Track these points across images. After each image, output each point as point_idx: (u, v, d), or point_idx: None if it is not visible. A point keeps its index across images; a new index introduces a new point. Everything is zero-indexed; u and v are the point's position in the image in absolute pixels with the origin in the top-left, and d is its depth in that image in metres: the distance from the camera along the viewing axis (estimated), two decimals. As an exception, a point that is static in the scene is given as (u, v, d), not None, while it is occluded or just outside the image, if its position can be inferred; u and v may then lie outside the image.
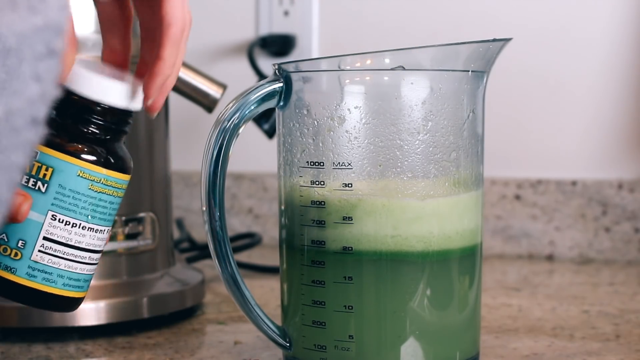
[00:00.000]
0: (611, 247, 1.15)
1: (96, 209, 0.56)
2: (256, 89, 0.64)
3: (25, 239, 0.54)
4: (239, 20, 1.29)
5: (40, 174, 0.53)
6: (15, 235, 0.54)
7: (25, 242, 0.54)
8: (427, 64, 0.65)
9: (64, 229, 0.54)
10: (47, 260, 0.54)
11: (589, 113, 1.18)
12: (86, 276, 0.57)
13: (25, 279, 0.54)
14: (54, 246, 0.55)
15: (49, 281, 0.55)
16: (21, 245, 0.54)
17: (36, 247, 0.54)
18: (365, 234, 0.62)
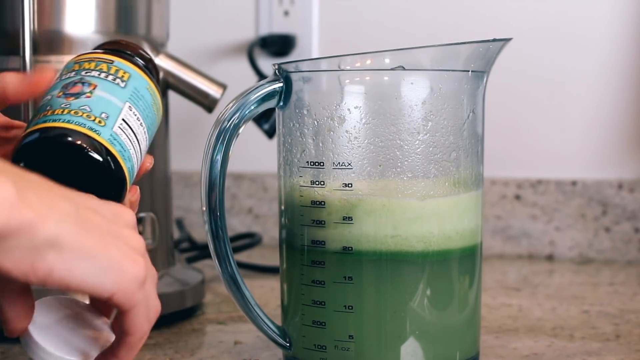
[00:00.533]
0: (611, 247, 1.15)
1: (151, 126, 0.59)
2: (256, 89, 0.64)
3: (108, 112, 0.56)
4: (239, 20, 1.29)
5: (119, 74, 0.58)
6: (98, 108, 0.56)
7: (107, 115, 0.56)
8: (427, 64, 0.65)
9: (136, 122, 0.57)
10: (124, 137, 0.56)
11: (589, 113, 1.18)
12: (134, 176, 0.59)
13: (108, 141, 0.55)
14: (128, 130, 0.57)
15: (122, 156, 0.56)
16: (104, 116, 0.56)
17: (117, 122, 0.56)
18: (365, 234, 0.62)
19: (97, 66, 0.58)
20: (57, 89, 0.57)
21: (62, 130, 0.54)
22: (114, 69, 0.58)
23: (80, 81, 0.57)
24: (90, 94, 0.56)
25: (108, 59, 0.59)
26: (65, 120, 0.54)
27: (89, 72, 0.57)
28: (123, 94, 0.58)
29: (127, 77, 0.58)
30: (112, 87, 0.57)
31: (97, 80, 0.57)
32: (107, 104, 0.56)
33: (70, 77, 0.57)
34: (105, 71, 0.58)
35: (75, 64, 0.59)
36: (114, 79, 0.58)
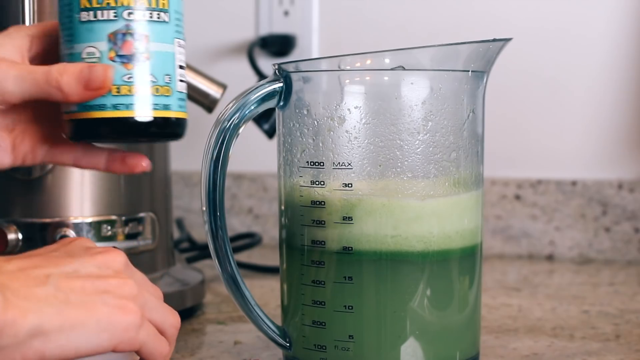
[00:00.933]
0: (611, 247, 1.15)
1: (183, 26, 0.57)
2: (256, 89, 0.64)
3: (169, 72, 0.54)
4: (239, 20, 1.29)
5: (160, 4, 0.54)
6: (160, 72, 0.54)
7: (170, 76, 0.54)
8: (427, 64, 0.65)
9: (182, 53, 0.55)
10: (183, 87, 0.55)
11: (589, 113, 1.18)
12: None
13: (177, 111, 0.55)
14: (182, 72, 0.55)
15: (183, 107, 0.56)
16: (168, 80, 0.54)
17: (176, 77, 0.55)
18: (365, 234, 0.62)
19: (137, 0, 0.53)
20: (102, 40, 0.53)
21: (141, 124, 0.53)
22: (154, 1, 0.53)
23: (127, 31, 0.53)
24: (147, 53, 0.53)
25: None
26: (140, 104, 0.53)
27: (131, 13, 0.53)
28: (170, 31, 0.54)
29: (166, 3, 0.54)
30: (160, 29, 0.53)
31: (146, 27, 0.53)
32: (164, 59, 0.54)
33: (113, 22, 0.53)
34: (148, 7, 0.53)
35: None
36: (158, 15, 0.53)
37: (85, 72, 0.53)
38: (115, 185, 0.79)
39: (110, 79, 0.53)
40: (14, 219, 0.77)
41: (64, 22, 0.55)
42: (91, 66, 0.53)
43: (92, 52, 0.53)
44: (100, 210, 0.78)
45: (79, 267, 0.52)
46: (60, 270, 0.51)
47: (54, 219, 0.77)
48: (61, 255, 0.52)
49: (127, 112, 0.54)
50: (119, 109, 0.54)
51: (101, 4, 0.53)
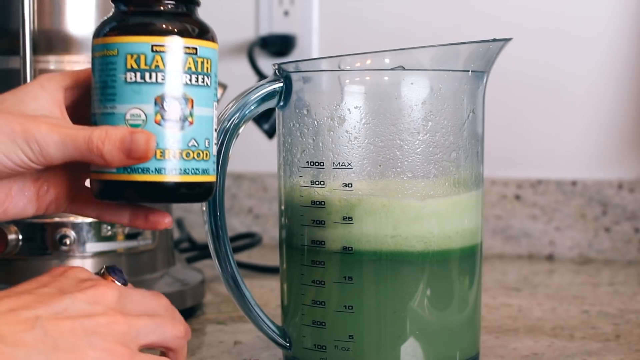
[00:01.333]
0: (611, 247, 1.15)
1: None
2: (256, 89, 0.64)
3: (208, 136, 0.54)
4: (239, 20, 1.29)
5: (205, 69, 0.53)
6: (202, 136, 0.54)
7: (209, 140, 0.54)
8: (427, 64, 0.65)
9: (217, 113, 0.55)
10: (216, 149, 0.55)
11: (589, 113, 1.18)
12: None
13: (212, 175, 0.55)
14: (216, 133, 0.55)
15: (215, 170, 0.56)
16: (207, 144, 0.54)
17: (213, 140, 0.55)
18: (365, 234, 0.62)
19: (184, 65, 0.53)
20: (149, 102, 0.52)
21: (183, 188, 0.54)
22: (200, 62, 0.53)
23: (174, 95, 0.52)
24: (192, 117, 0.53)
25: (191, 48, 0.53)
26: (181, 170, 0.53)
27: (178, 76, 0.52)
28: (210, 94, 0.54)
29: (209, 66, 0.54)
30: (204, 93, 0.53)
31: (192, 91, 0.53)
32: (205, 123, 0.53)
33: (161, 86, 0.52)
34: (194, 72, 0.53)
35: (155, 55, 0.52)
36: (203, 79, 0.53)
37: (127, 140, 0.52)
38: (115, 185, 0.79)
39: (152, 149, 0.52)
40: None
41: (104, 80, 0.54)
42: (133, 133, 0.52)
43: (137, 114, 0.53)
44: (100, 210, 0.78)
45: (68, 305, 0.51)
46: (49, 310, 0.50)
47: (54, 219, 0.77)
48: (52, 291, 0.51)
49: (168, 176, 0.53)
50: (161, 173, 0.53)
51: (149, 65, 0.52)
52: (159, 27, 0.53)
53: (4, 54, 0.76)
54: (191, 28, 0.54)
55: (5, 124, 0.52)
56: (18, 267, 0.77)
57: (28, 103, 0.55)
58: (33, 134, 0.52)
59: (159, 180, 0.53)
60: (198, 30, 0.54)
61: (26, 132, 0.52)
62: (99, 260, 0.78)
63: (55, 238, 0.77)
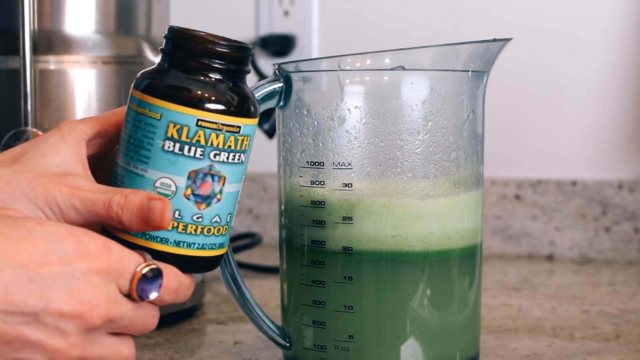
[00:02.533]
0: (611, 247, 1.15)
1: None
2: (256, 89, 0.64)
3: (230, 211, 0.54)
4: (239, 20, 1.29)
5: (243, 146, 0.53)
6: (226, 212, 0.53)
7: (231, 215, 0.54)
8: (427, 64, 0.65)
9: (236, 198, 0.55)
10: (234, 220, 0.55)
11: (589, 113, 1.18)
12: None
13: (225, 247, 0.55)
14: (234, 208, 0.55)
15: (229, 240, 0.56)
16: (229, 219, 0.54)
17: (234, 214, 0.55)
18: (365, 234, 0.62)
19: (225, 143, 0.52)
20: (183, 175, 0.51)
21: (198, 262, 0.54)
22: (240, 140, 0.52)
23: (209, 172, 0.52)
24: (220, 195, 0.52)
25: (235, 126, 0.52)
26: (200, 245, 0.53)
27: (217, 154, 0.51)
28: (241, 171, 0.53)
29: (248, 143, 0.53)
30: (236, 171, 0.53)
31: (226, 169, 0.52)
32: (231, 199, 0.53)
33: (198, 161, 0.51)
34: (232, 150, 0.52)
35: (198, 129, 0.51)
36: (239, 157, 0.53)
37: (145, 207, 0.52)
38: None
39: (168, 219, 0.52)
40: (14, 219, 0.77)
41: (140, 139, 0.53)
42: (151, 200, 0.51)
43: (168, 185, 0.52)
44: (100, 210, 0.78)
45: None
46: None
47: (54, 219, 0.77)
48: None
49: (186, 250, 0.53)
50: (180, 247, 0.53)
51: (191, 139, 0.51)
52: (208, 100, 0.52)
53: (4, 54, 0.76)
54: (238, 104, 0.53)
55: (27, 186, 0.52)
56: (18, 267, 0.77)
57: (50, 157, 0.54)
58: (55, 197, 0.52)
59: (175, 253, 0.53)
60: (245, 106, 0.53)
61: (47, 194, 0.52)
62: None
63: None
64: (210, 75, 0.53)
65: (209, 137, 0.51)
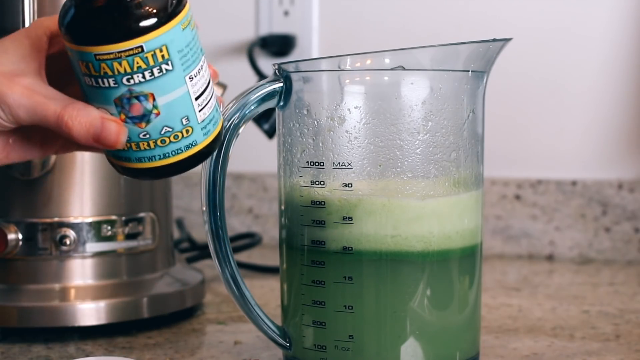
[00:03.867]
0: (611, 247, 1.15)
1: (198, 42, 0.55)
2: (256, 89, 0.64)
3: (186, 113, 0.53)
4: (239, 20, 1.29)
5: (159, 59, 0.51)
6: (176, 119, 0.53)
7: (187, 116, 0.53)
8: (427, 64, 0.65)
9: (200, 77, 0.53)
10: (207, 110, 0.54)
11: (589, 113, 1.18)
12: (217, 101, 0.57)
13: (204, 140, 0.55)
14: (203, 96, 0.54)
15: (215, 123, 0.55)
16: (186, 121, 0.53)
17: (196, 111, 0.53)
18: (365, 234, 0.62)
19: (132, 66, 0.51)
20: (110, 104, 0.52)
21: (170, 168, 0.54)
22: (150, 56, 0.51)
23: (131, 96, 0.51)
24: (156, 109, 0.52)
25: (133, 49, 0.50)
26: (160, 156, 0.53)
27: (130, 78, 0.51)
28: (177, 75, 0.52)
29: (166, 53, 0.51)
30: (165, 81, 0.52)
31: (149, 86, 0.51)
32: (177, 105, 0.52)
33: (115, 89, 0.51)
34: (145, 68, 0.51)
35: (100, 63, 0.51)
36: (160, 69, 0.51)
37: (96, 126, 0.52)
38: (115, 185, 0.79)
39: (122, 141, 0.53)
40: (14, 219, 0.77)
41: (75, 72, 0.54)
42: (104, 121, 0.52)
43: (106, 110, 0.53)
44: (100, 210, 0.78)
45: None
46: None
47: (54, 219, 0.77)
48: None
49: (149, 163, 0.54)
50: (142, 162, 0.54)
51: (98, 72, 0.51)
52: (95, 34, 0.51)
53: (4, 54, 0.76)
54: (130, 27, 0.51)
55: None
56: (18, 267, 0.77)
57: (10, 53, 0.54)
58: (6, 96, 0.53)
59: (142, 167, 0.54)
60: (139, 26, 0.51)
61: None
62: (99, 260, 0.78)
63: (55, 238, 0.77)
64: (94, 5, 0.51)
65: (112, 67, 0.51)
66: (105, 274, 0.79)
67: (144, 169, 0.54)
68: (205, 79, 0.55)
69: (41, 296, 0.76)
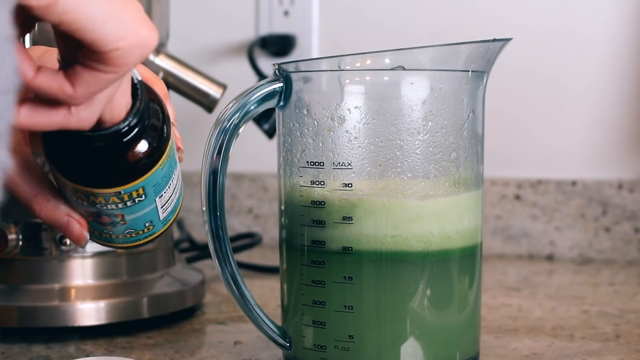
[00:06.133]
0: (611, 247, 1.15)
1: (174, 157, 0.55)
2: (256, 89, 0.64)
3: (150, 219, 0.55)
4: (239, 20, 1.29)
5: (134, 196, 0.52)
6: (139, 225, 0.55)
7: (152, 221, 0.55)
8: (427, 64, 0.65)
9: (168, 190, 0.55)
10: (169, 207, 0.56)
11: (589, 113, 1.18)
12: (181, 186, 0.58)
13: (163, 228, 0.57)
14: (168, 201, 0.55)
15: (175, 209, 0.57)
16: (149, 224, 0.55)
17: (160, 215, 0.55)
18: (365, 234, 0.62)
19: (107, 201, 0.52)
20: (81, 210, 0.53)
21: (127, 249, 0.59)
22: (127, 196, 0.52)
23: (102, 213, 0.53)
24: (123, 221, 0.54)
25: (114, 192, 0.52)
26: (120, 243, 0.56)
27: (102, 206, 0.52)
28: (149, 201, 0.54)
29: (142, 191, 0.53)
30: (136, 207, 0.53)
31: (119, 211, 0.53)
32: (144, 217, 0.54)
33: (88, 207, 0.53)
34: (118, 202, 0.53)
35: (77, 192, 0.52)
36: (132, 202, 0.53)
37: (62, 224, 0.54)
38: (115, 185, 0.79)
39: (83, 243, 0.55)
40: (14, 219, 0.77)
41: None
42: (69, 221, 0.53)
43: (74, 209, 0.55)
44: (100, 210, 0.78)
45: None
46: None
47: (54, 219, 0.77)
48: None
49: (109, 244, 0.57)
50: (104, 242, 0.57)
51: (74, 194, 0.52)
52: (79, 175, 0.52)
53: (4, 54, 0.76)
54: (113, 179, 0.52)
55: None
56: (18, 267, 0.77)
57: None
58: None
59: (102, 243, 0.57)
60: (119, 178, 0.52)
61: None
62: (99, 260, 0.78)
63: (55, 238, 0.77)
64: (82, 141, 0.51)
65: (88, 197, 0.52)
66: (105, 274, 0.79)
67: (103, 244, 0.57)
68: (174, 183, 0.55)
69: (41, 296, 0.76)
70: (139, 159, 0.51)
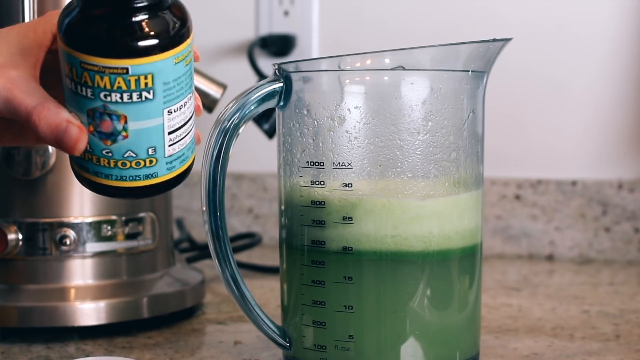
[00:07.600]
0: (611, 247, 1.15)
1: (190, 78, 0.54)
2: (256, 89, 0.64)
3: (153, 144, 0.53)
4: (239, 20, 1.29)
5: (141, 85, 0.51)
6: (142, 147, 0.52)
7: (155, 147, 0.53)
8: (427, 64, 0.65)
9: (179, 113, 0.53)
10: (177, 146, 0.54)
11: (589, 113, 1.18)
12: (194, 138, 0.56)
13: (165, 175, 0.54)
14: (177, 132, 0.53)
15: (183, 161, 0.55)
16: (152, 152, 0.53)
17: (165, 145, 0.53)
18: (365, 234, 0.62)
19: (112, 84, 0.50)
20: (83, 112, 0.52)
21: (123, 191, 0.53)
22: (133, 80, 0.51)
23: (104, 112, 0.51)
24: (125, 131, 0.52)
25: (119, 68, 0.50)
26: (117, 177, 0.53)
27: (107, 95, 0.51)
28: (156, 105, 0.52)
29: (150, 81, 0.51)
30: (142, 108, 0.51)
31: (124, 108, 0.51)
32: (147, 134, 0.52)
33: (91, 100, 0.51)
34: (125, 90, 0.51)
35: (83, 71, 0.50)
36: (140, 95, 0.51)
37: (60, 130, 0.53)
38: (115, 185, 0.79)
39: (80, 149, 0.53)
40: (14, 219, 0.77)
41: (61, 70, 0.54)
42: (68, 125, 0.52)
43: (77, 117, 0.53)
44: (100, 210, 0.78)
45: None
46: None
47: (54, 219, 0.77)
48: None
49: (106, 181, 0.54)
50: (99, 177, 0.54)
51: (79, 79, 0.51)
52: (87, 42, 0.51)
53: (4, 54, 0.76)
54: (121, 46, 0.50)
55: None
56: (18, 267, 0.77)
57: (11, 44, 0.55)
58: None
59: (97, 181, 0.54)
60: (130, 48, 0.51)
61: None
62: (99, 260, 0.78)
63: (55, 238, 0.77)
64: (94, 13, 0.51)
65: (93, 78, 0.50)
66: (105, 274, 0.79)
67: (98, 184, 0.54)
68: (186, 115, 0.54)
69: (41, 296, 0.76)
70: (151, 32, 0.50)
